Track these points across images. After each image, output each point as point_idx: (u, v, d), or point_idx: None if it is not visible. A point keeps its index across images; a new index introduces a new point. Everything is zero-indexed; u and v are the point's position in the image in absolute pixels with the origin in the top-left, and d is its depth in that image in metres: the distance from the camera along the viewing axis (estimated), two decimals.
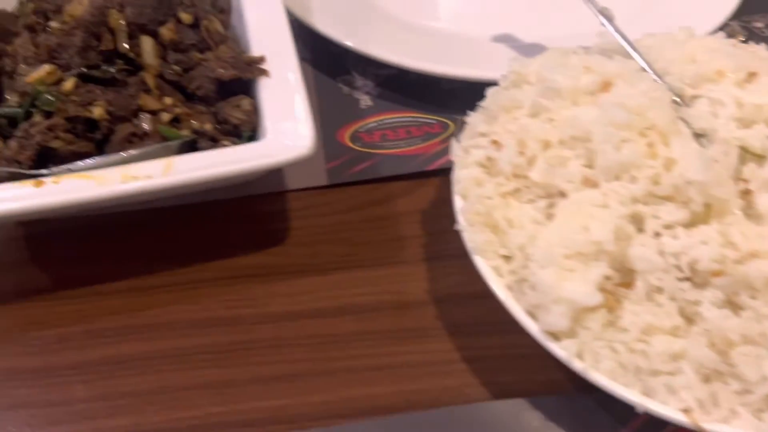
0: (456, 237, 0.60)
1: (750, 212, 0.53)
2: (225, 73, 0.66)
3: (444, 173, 0.74)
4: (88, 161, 0.61)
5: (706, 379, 0.50)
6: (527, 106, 0.63)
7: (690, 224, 0.53)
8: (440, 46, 0.83)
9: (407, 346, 0.62)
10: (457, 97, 0.80)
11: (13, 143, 0.61)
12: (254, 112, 0.66)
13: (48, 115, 0.62)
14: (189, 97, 0.69)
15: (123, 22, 0.67)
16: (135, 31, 0.68)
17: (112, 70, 0.66)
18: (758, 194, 0.53)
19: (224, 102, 0.67)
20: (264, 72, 0.67)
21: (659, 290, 0.52)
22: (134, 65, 0.68)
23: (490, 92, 0.67)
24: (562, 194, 0.57)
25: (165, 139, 0.64)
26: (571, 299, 0.51)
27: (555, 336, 0.53)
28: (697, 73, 0.62)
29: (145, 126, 0.64)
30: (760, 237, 0.51)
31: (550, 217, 0.57)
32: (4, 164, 0.61)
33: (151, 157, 0.61)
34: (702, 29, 0.80)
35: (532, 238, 0.55)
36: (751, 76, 0.61)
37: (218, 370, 0.60)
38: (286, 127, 0.62)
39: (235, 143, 0.64)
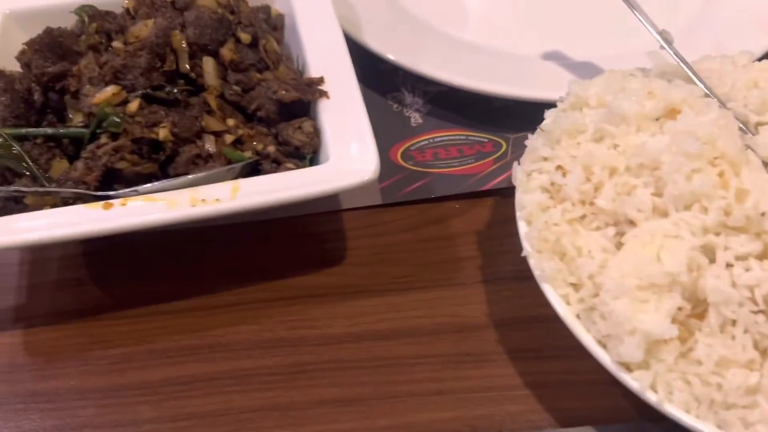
0: (513, 259, 0.61)
1: None
2: (287, 95, 0.67)
3: (498, 193, 0.75)
4: (155, 184, 0.61)
5: None
6: (590, 131, 0.63)
7: (763, 256, 0.53)
8: (491, 64, 0.83)
9: (468, 371, 0.62)
10: (509, 114, 0.80)
11: (79, 164, 0.62)
12: (316, 134, 0.66)
13: (114, 136, 0.62)
14: (249, 117, 0.69)
15: (185, 44, 0.67)
16: (196, 51, 0.68)
17: (175, 91, 0.66)
18: None
19: (285, 123, 0.67)
20: (324, 94, 0.67)
21: (733, 322, 0.52)
22: (195, 86, 0.68)
23: (549, 114, 0.67)
24: (631, 222, 0.57)
25: (229, 161, 0.64)
26: (646, 331, 0.51)
27: (627, 366, 0.53)
28: (761, 100, 0.62)
29: (209, 148, 0.65)
30: None
31: (619, 245, 0.57)
32: (71, 185, 0.61)
33: (216, 180, 0.61)
34: (755, 49, 0.79)
35: (602, 267, 0.55)
36: None
37: (283, 392, 0.60)
38: (350, 151, 0.63)
39: (298, 165, 0.64)
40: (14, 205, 0.61)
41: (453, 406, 0.60)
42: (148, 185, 0.61)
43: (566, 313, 0.56)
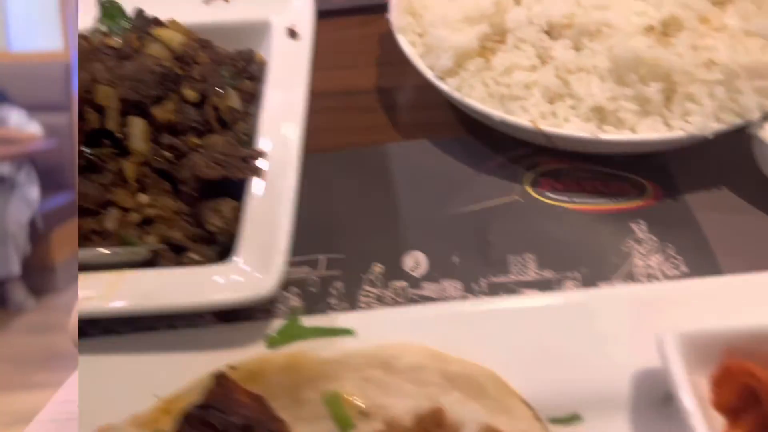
0: (395, 49, 0.77)
1: None
2: (210, 172, 0.59)
3: None
4: None
5: (551, 100, 0.66)
6: None
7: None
8: None
9: (355, 116, 0.80)
10: None
11: None
12: (236, 220, 0.57)
13: None
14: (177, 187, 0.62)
15: (114, 100, 0.61)
16: (129, 108, 0.62)
17: (93, 154, 0.60)
18: None
19: (205, 202, 0.59)
20: (260, 172, 0.59)
21: (523, 41, 0.68)
22: (122, 148, 0.62)
23: None
24: None
25: (125, 244, 0.58)
26: (456, 45, 0.68)
27: (443, 79, 0.70)
28: None
29: (109, 225, 0.59)
30: None
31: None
32: None
33: (116, 261, 0.56)
34: None
35: (439, 16, 0.72)
36: None
37: None
38: (258, 254, 0.54)
39: (202, 256, 0.58)
40: None
41: (344, 135, 0.76)
42: None
43: (411, 51, 0.73)
